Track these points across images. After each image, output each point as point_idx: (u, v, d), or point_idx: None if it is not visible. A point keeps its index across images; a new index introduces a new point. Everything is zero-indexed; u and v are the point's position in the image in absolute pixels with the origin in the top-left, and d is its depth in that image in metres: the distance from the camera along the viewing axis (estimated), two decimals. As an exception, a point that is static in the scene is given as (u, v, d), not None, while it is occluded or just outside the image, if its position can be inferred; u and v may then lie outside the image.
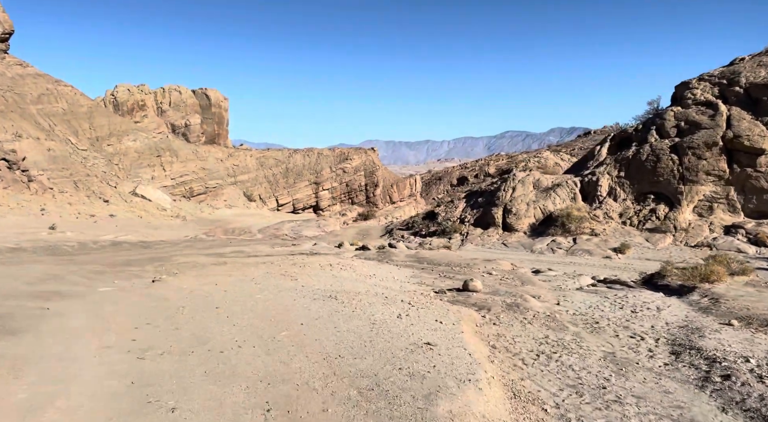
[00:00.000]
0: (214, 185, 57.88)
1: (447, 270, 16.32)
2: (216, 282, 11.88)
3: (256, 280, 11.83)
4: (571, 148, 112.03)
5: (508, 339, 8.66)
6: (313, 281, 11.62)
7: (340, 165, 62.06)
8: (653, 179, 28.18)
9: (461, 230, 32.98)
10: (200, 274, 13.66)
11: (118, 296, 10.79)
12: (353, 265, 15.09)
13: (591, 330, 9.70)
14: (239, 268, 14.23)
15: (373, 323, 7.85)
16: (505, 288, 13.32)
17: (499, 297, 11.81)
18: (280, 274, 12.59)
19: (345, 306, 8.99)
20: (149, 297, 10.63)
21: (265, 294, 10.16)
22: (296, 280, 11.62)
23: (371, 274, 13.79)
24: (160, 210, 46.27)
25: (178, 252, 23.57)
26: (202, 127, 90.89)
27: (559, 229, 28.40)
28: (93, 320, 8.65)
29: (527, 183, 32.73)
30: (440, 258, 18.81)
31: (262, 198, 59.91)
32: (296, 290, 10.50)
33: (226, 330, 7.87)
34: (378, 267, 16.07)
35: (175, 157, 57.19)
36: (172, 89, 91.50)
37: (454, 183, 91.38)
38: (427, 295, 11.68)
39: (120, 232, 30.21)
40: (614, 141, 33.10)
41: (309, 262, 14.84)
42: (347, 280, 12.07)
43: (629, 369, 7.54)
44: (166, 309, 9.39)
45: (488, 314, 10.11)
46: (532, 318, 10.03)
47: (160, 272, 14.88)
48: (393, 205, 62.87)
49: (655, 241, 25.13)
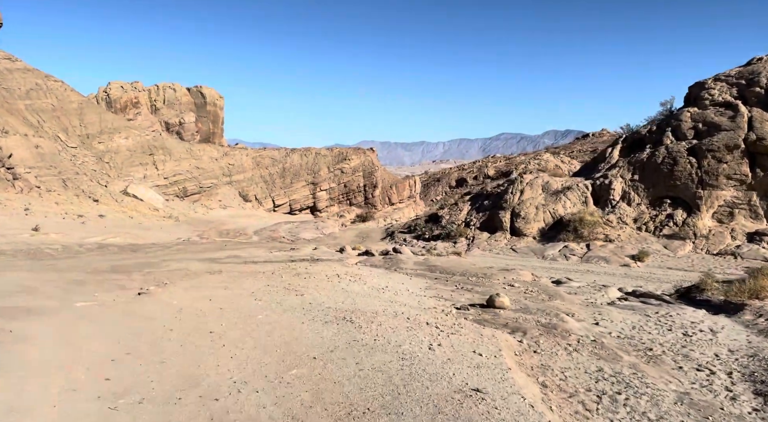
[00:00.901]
0: (208, 185, 56.30)
1: (463, 281, 14.93)
2: (210, 297, 10.44)
3: (256, 295, 10.39)
4: (569, 151, 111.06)
5: (557, 374, 7.27)
6: (322, 297, 10.20)
7: (339, 165, 60.59)
8: (670, 183, 26.91)
9: (467, 234, 31.63)
10: (192, 286, 12.23)
11: (96, 313, 9.35)
12: (362, 276, 13.68)
13: (648, 360, 8.33)
14: (236, 279, 12.79)
15: (402, 357, 6.45)
16: (532, 303, 11.95)
17: (531, 316, 10.43)
18: (283, 287, 11.16)
19: (364, 332, 7.58)
20: (132, 315, 9.19)
21: (268, 314, 8.73)
22: (302, 296, 10.19)
23: (383, 287, 12.38)
24: (152, 210, 44.67)
25: (170, 256, 22.08)
26: (197, 125, 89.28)
27: (571, 235, 27.08)
28: (62, 347, 7.21)
29: (536, 185, 31.41)
30: (453, 267, 17.43)
31: (258, 198, 58.34)
32: (304, 309, 9.08)
33: (222, 364, 6.45)
34: (388, 277, 14.67)
35: (168, 156, 55.58)
36: (167, 87, 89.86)
37: (453, 184, 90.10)
38: (450, 313, 10.30)
39: (108, 234, 28.68)
40: (626, 143, 31.84)
41: (314, 272, 13.42)
42: (360, 296, 10.66)
43: (716, 418, 6.17)
44: (151, 333, 7.96)
45: (525, 338, 8.72)
46: (576, 343, 8.65)
47: (147, 282, 13.44)
48: (392, 207, 61.44)
49: (674, 249, 23.85)
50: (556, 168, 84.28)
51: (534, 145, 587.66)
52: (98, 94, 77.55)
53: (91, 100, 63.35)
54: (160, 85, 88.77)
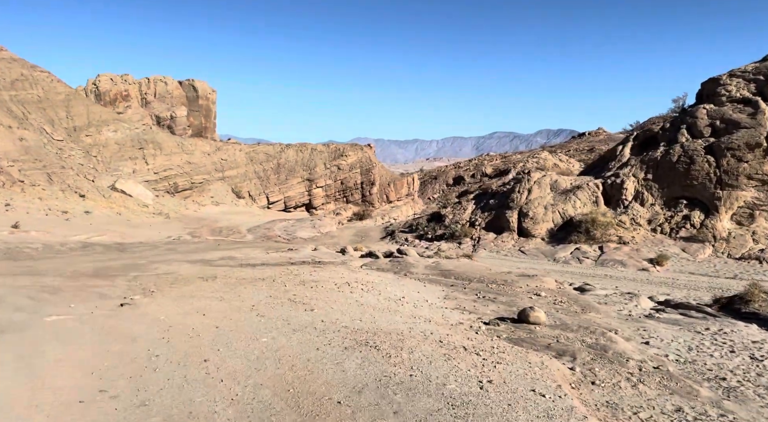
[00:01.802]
0: (200, 180, 54.57)
1: (482, 288, 13.58)
2: (204, 311, 9.02)
3: (258, 309, 8.98)
4: (566, 149, 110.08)
5: (629, 416, 5.93)
6: (335, 312, 8.81)
7: (335, 161, 59.04)
8: (686, 183, 25.71)
9: (471, 234, 30.30)
10: (183, 295, 10.79)
11: (70, 331, 7.92)
12: (374, 284, 12.29)
13: (727, 394, 7.01)
14: (233, 287, 11.35)
15: (452, 404, 5.07)
16: (567, 317, 10.61)
17: (572, 334, 9.10)
18: (288, 299, 9.74)
19: (394, 363, 6.19)
20: (112, 334, 7.76)
21: (275, 336, 7.32)
22: (312, 311, 8.78)
23: (400, 297, 11.00)
24: (141, 206, 43.01)
25: (158, 257, 20.58)
26: (189, 119, 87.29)
27: (582, 236, 25.82)
28: (20, 382, 5.78)
29: (544, 184, 30.13)
30: (467, 272, 16.08)
31: (252, 195, 56.69)
32: (316, 329, 7.67)
33: (220, 410, 5.04)
34: (400, 284, 13.30)
35: (158, 150, 53.79)
36: (158, 80, 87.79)
37: (450, 182, 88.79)
38: (480, 329, 8.96)
39: (94, 232, 27.09)
40: (637, 140, 30.60)
41: (321, 280, 12.01)
42: (377, 310, 9.28)
43: None
44: (133, 360, 6.54)
45: (576, 365, 7.37)
46: (638, 372, 7.31)
47: (132, 289, 11.99)
48: (390, 205, 59.99)
49: (693, 252, 22.64)
50: (555, 166, 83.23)
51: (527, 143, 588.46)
52: (87, 87, 75.46)
53: (79, 92, 61.39)
54: (151, 78, 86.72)
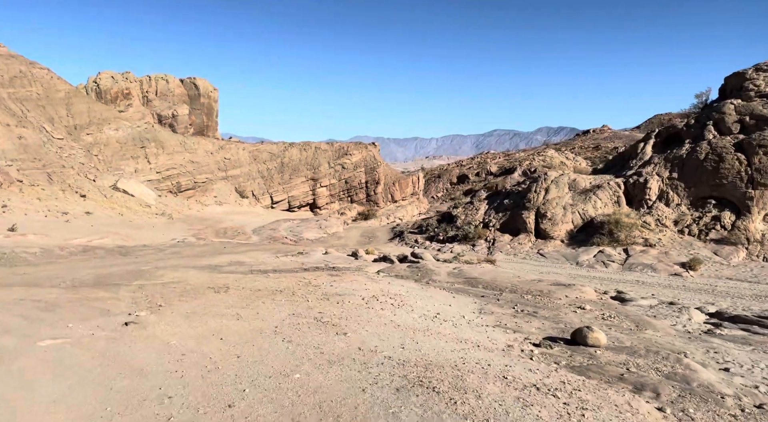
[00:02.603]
0: (203, 180, 53.44)
1: (518, 300, 12.44)
2: (221, 333, 7.89)
3: (282, 332, 7.84)
4: (570, 147, 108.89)
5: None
6: (372, 336, 7.66)
7: (339, 160, 57.84)
8: (714, 182, 24.54)
9: (486, 236, 29.16)
10: (194, 311, 9.67)
11: (66, 360, 6.79)
12: (402, 296, 11.16)
13: None
14: (249, 302, 10.22)
15: (558, 480, 3.91)
16: (624, 336, 9.47)
17: (641, 360, 7.95)
18: (314, 319, 8.60)
19: (463, 413, 5.05)
20: (116, 363, 6.63)
21: (308, 369, 6.18)
22: (346, 335, 7.64)
23: (434, 314, 9.88)
24: (143, 206, 41.88)
25: (164, 262, 19.47)
26: (191, 117, 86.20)
27: (605, 238, 24.66)
28: (2, 437, 4.66)
29: (562, 184, 28.95)
30: (495, 280, 14.94)
31: (255, 194, 55.54)
32: (356, 361, 6.52)
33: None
34: (428, 295, 12.17)
35: (161, 149, 52.65)
36: (159, 78, 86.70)
37: (454, 181, 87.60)
38: (534, 355, 7.84)
39: (95, 234, 25.97)
40: (659, 138, 29.41)
41: (344, 293, 10.87)
42: (418, 332, 8.14)
43: None
44: (141, 403, 5.40)
45: (664, 404, 6.22)
46: (741, 414, 6.16)
47: (137, 302, 10.88)
48: (395, 204, 58.80)
49: (726, 255, 21.48)
50: (562, 164, 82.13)
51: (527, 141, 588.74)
52: (88, 84, 74.35)
53: (79, 90, 60.25)
54: (152, 76, 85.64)
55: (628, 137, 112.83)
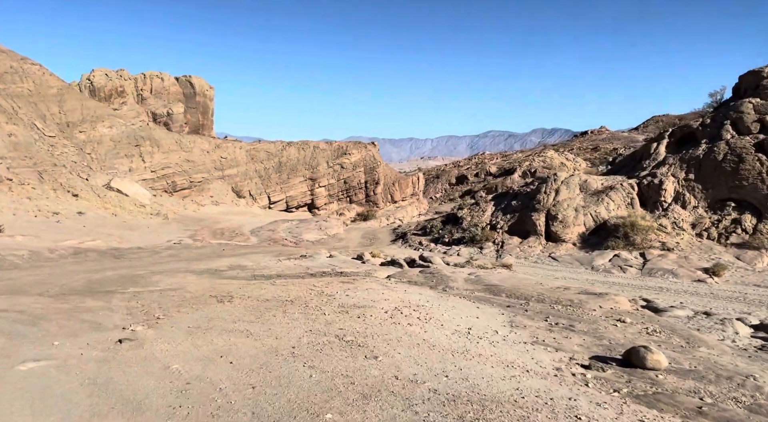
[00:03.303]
0: (199, 179, 52.23)
1: (548, 311, 11.44)
2: (229, 355, 6.84)
3: (301, 354, 6.78)
4: (569, 148, 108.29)
5: None
6: (406, 360, 6.63)
7: (338, 160, 56.74)
8: (734, 183, 23.65)
9: (493, 238, 28.17)
10: (197, 324, 8.62)
11: (50, 388, 5.74)
12: (425, 308, 10.14)
13: None
14: (258, 314, 9.17)
15: None
16: (679, 355, 8.48)
17: (712, 387, 6.96)
18: (336, 337, 7.56)
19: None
20: (108, 393, 5.58)
21: (340, 406, 5.13)
22: (376, 358, 6.60)
23: (466, 329, 8.86)
24: (138, 206, 40.68)
25: (160, 266, 18.36)
26: (186, 116, 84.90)
27: (620, 242, 23.72)
28: None
29: (572, 185, 28.00)
30: (517, 288, 13.93)
31: (253, 194, 54.38)
32: (394, 393, 5.48)
33: None
34: (451, 305, 11.15)
35: (156, 147, 51.43)
36: (154, 76, 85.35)
37: (453, 182, 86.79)
38: (588, 380, 6.84)
39: (87, 236, 24.81)
40: (673, 137, 28.51)
41: (364, 304, 9.82)
42: (457, 355, 7.12)
43: None
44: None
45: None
46: None
47: (133, 313, 9.82)
48: (394, 205, 57.76)
49: (749, 260, 20.57)
50: (562, 166, 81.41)
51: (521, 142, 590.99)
52: (81, 82, 72.97)
53: (72, 87, 58.93)
54: (147, 74, 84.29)
55: (627, 138, 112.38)
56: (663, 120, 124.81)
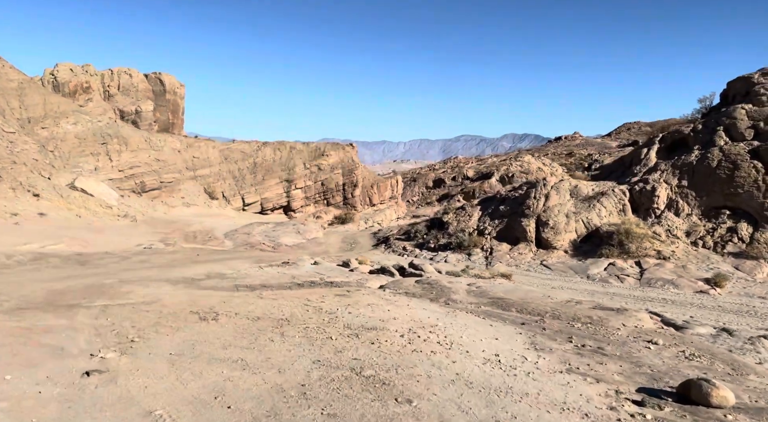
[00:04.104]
0: (170, 179, 50.08)
1: (568, 330, 10.41)
2: (226, 397, 5.54)
3: (315, 395, 5.53)
4: (544, 153, 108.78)
5: None
6: (446, 404, 5.44)
7: (316, 161, 55.25)
8: (728, 191, 23.21)
9: (481, 244, 27.22)
10: (181, 352, 7.28)
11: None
12: (440, 329, 8.98)
13: None
14: (252, 338, 7.86)
15: None
16: (735, 386, 7.51)
17: (793, 429, 5.98)
18: (351, 370, 6.32)
19: None
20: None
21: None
22: (410, 403, 5.39)
23: (494, 355, 7.72)
24: (104, 207, 38.50)
25: (130, 273, 16.76)
26: (155, 114, 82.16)
27: (615, 250, 23.02)
28: None
29: (563, 190, 27.27)
30: (526, 301, 12.88)
31: (226, 196, 52.44)
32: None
33: None
34: (461, 322, 10.03)
35: (124, 146, 49.09)
36: (122, 72, 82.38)
37: (430, 185, 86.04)
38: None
39: (49, 239, 22.92)
40: (664, 143, 28.06)
41: (374, 326, 8.59)
42: (502, 393, 5.99)
43: None
44: None
45: None
46: None
47: (101, 333, 8.43)
48: (373, 208, 56.56)
49: (749, 271, 20.04)
50: (539, 170, 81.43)
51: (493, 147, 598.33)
52: (44, 77, 69.77)
53: (35, 81, 56.07)
54: (114, 70, 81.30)
55: (600, 144, 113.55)
56: (634, 127, 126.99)
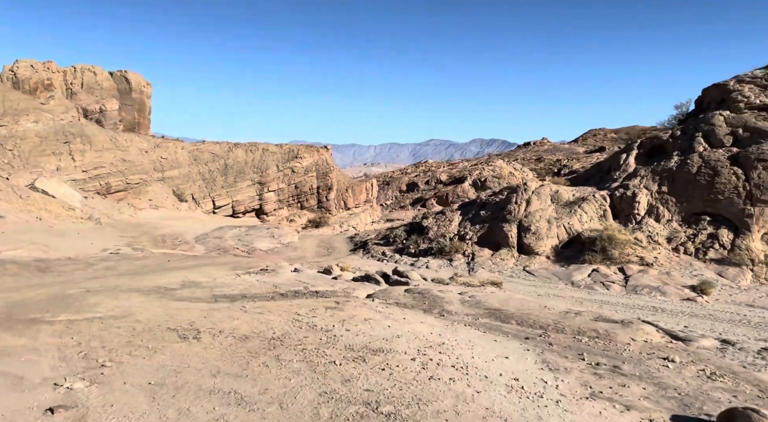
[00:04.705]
0: (136, 181, 48.24)
1: (576, 345, 9.84)
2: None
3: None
4: (513, 158, 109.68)
5: None
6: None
7: (289, 164, 54.06)
8: (709, 197, 23.23)
9: (463, 249, 26.71)
10: (162, 382, 6.37)
11: None
12: (449, 348, 8.29)
13: None
14: (242, 362, 7.00)
15: None
16: None
17: None
18: (365, 404, 5.54)
19: None
20: None
21: None
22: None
23: (513, 380, 7.06)
24: (66, 209, 36.66)
25: (96, 282, 15.55)
26: (120, 114, 79.59)
27: (597, 255, 22.78)
28: None
29: (544, 195, 26.99)
30: (526, 313, 12.31)
31: (196, 198, 50.83)
32: None
33: None
34: (465, 338, 9.37)
35: (88, 145, 47.08)
36: (85, 69, 79.60)
37: (403, 189, 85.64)
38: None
39: (6, 244, 21.41)
40: (642, 149, 28.07)
41: (379, 348, 7.82)
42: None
43: None
44: None
45: None
46: None
47: (67, 358, 7.44)
48: (347, 212, 55.66)
49: (733, 278, 20.00)
50: (511, 175, 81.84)
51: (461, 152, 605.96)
52: (3, 73, 66.72)
53: (-8, 77, 53.48)
54: (77, 67, 78.44)
55: (568, 150, 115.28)
56: (599, 133, 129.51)
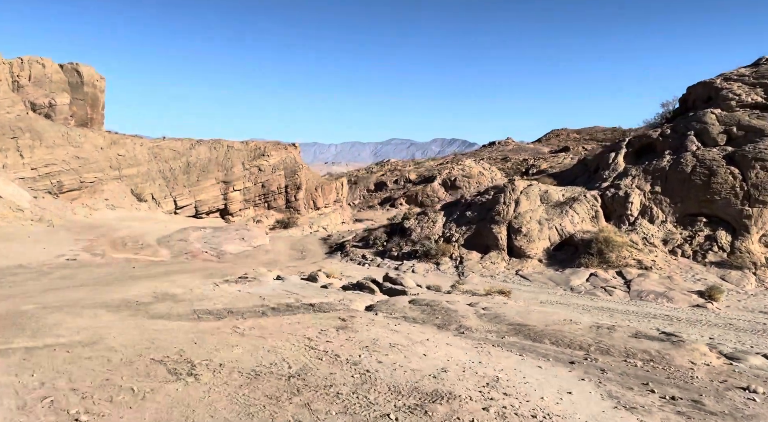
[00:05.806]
0: (91, 179, 45.05)
1: (633, 371, 8.55)
2: None
3: None
4: (479, 158, 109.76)
5: None
6: None
7: (256, 162, 51.72)
8: (705, 197, 22.63)
9: (450, 252, 25.39)
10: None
11: None
12: (506, 386, 6.85)
13: None
14: (262, 414, 5.36)
15: None
16: None
17: None
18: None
19: None
20: None
21: None
22: None
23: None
24: (14, 210, 33.58)
25: (54, 295, 13.45)
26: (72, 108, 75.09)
27: (594, 259, 21.83)
28: None
29: (533, 195, 25.96)
30: (555, 329, 10.99)
31: (156, 198, 47.94)
32: None
33: None
34: (511, 366, 7.97)
35: (38, 141, 43.65)
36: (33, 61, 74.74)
37: (372, 188, 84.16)
38: None
39: (-56, 251, 18.83)
40: (631, 147, 27.39)
41: (431, 385, 6.28)
42: None
43: None
44: None
45: None
46: None
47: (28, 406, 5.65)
48: (317, 212, 53.72)
49: (737, 281, 19.32)
50: (480, 174, 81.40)
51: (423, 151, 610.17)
52: (-59, 62, 61.88)
53: (-72, 65, 49.14)
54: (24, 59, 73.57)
55: (533, 150, 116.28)
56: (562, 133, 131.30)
